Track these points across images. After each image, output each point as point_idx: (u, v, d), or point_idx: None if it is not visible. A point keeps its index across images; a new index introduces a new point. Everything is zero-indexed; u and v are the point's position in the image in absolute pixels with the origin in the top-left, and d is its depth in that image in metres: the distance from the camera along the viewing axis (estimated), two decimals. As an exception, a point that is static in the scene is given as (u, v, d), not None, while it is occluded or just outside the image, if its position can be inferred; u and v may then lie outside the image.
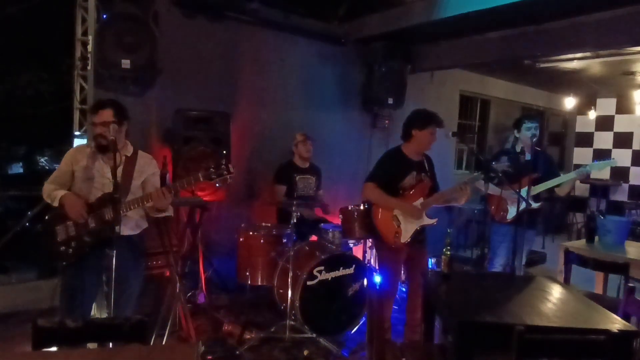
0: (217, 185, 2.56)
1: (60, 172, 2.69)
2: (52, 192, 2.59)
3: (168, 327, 3.33)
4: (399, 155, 3.37)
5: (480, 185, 3.83)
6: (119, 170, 2.60)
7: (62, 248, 2.58)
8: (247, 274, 3.86)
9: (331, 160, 5.41)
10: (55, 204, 2.57)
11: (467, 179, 3.37)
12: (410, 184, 3.32)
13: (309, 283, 3.53)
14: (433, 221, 3.34)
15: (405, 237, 3.27)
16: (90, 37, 3.92)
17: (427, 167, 3.45)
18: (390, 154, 3.42)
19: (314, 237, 4.31)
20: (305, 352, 3.38)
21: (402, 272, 3.65)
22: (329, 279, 3.64)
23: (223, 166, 2.48)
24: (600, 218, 4.18)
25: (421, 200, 3.32)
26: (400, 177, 3.31)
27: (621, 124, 8.91)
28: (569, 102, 8.66)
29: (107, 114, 2.57)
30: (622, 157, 8.71)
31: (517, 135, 3.89)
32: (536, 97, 8.79)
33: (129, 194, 2.67)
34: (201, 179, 2.49)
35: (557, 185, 3.70)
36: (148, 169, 2.80)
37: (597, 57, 5.62)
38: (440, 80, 6.81)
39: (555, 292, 2.54)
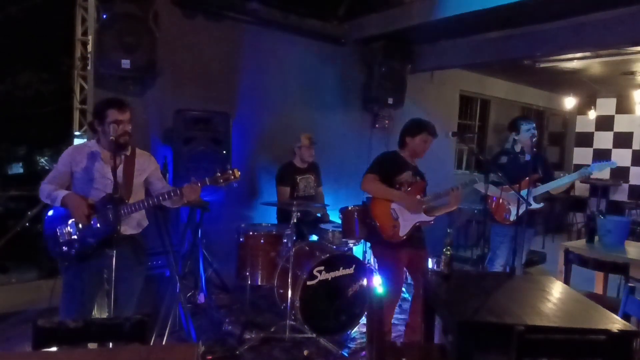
0: (224, 189, 2.73)
1: (59, 172, 2.65)
2: (52, 193, 2.56)
3: (168, 327, 3.33)
4: (396, 155, 3.46)
5: (480, 187, 3.84)
6: (120, 170, 2.61)
7: (65, 249, 2.56)
8: (247, 274, 3.86)
9: (331, 160, 5.41)
10: (57, 204, 2.54)
11: (460, 184, 3.40)
12: (407, 180, 3.37)
13: (309, 283, 3.53)
14: (430, 219, 3.38)
15: (404, 231, 3.29)
16: (90, 37, 3.92)
17: (421, 173, 3.53)
18: (387, 153, 3.50)
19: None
20: (305, 352, 3.38)
21: (405, 274, 3.65)
22: (329, 279, 3.64)
23: (230, 171, 2.67)
24: (600, 218, 4.18)
25: (418, 197, 3.38)
26: (398, 171, 3.36)
27: (621, 124, 8.91)
28: (569, 102, 8.66)
29: (129, 112, 2.65)
30: (622, 157, 8.71)
31: (516, 137, 3.89)
32: (536, 97, 8.78)
33: (132, 193, 2.67)
34: (207, 183, 2.64)
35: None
36: (149, 166, 2.81)
37: (597, 57, 5.62)
38: (440, 80, 6.81)
39: (555, 292, 2.54)
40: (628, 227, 4.18)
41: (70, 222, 2.56)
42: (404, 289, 4.46)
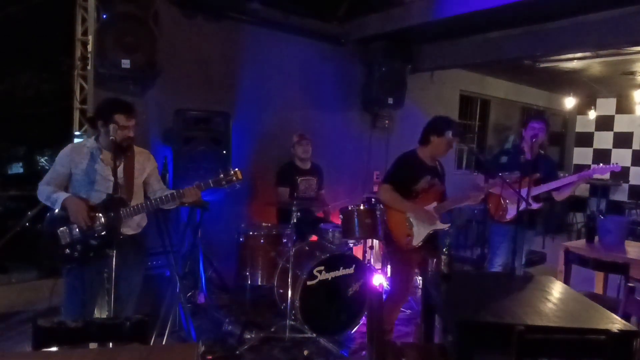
0: (227, 190, 2.73)
1: (57, 173, 2.62)
2: (52, 195, 2.54)
3: (168, 327, 3.33)
4: (414, 159, 3.38)
5: (481, 182, 3.83)
6: (120, 170, 2.60)
7: (67, 251, 2.54)
8: (247, 274, 3.86)
9: (331, 160, 5.41)
10: (57, 207, 2.52)
11: (481, 188, 3.39)
12: (423, 188, 3.33)
13: (309, 283, 3.53)
14: (445, 226, 3.34)
15: (417, 240, 3.27)
16: (90, 37, 3.92)
17: (440, 173, 3.46)
18: (405, 157, 3.41)
19: (314, 237, 4.32)
20: (305, 352, 3.38)
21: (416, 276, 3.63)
22: (329, 279, 3.64)
23: (232, 172, 2.64)
24: (600, 218, 4.18)
25: (434, 204, 3.34)
26: (415, 180, 3.32)
27: (621, 124, 8.92)
28: (569, 102, 8.66)
29: (135, 118, 2.64)
30: (622, 157, 8.72)
31: (524, 134, 3.89)
32: (536, 97, 8.79)
33: (133, 194, 2.67)
34: (211, 185, 2.64)
35: (557, 189, 3.69)
36: (148, 165, 2.80)
37: (597, 57, 5.63)
38: (440, 80, 6.81)
39: (555, 292, 2.54)
40: (628, 227, 4.18)
41: (71, 224, 2.54)
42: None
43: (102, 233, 2.54)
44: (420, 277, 3.60)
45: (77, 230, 2.54)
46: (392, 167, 3.40)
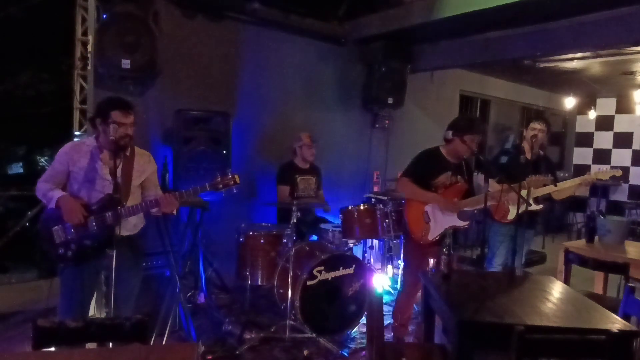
0: (223, 194, 2.66)
1: (55, 171, 2.61)
2: (48, 193, 2.53)
3: (168, 327, 3.33)
4: (435, 154, 3.39)
5: (481, 182, 3.82)
6: (118, 171, 2.59)
7: (61, 250, 2.54)
8: (247, 274, 3.86)
9: (331, 160, 5.41)
10: (52, 205, 2.51)
11: (506, 190, 3.38)
12: (443, 183, 3.33)
13: (309, 283, 3.53)
14: (464, 223, 3.34)
15: (433, 234, 3.29)
16: (90, 37, 3.92)
17: (465, 171, 3.45)
18: (427, 152, 3.43)
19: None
20: (305, 352, 3.38)
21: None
22: (329, 279, 3.64)
23: (230, 176, 2.61)
24: (600, 218, 4.18)
25: (455, 200, 3.34)
26: (434, 174, 3.32)
27: (621, 123, 8.92)
28: (569, 102, 8.66)
29: (133, 115, 2.61)
30: (622, 157, 8.73)
31: (524, 134, 3.89)
32: (536, 97, 8.79)
33: (130, 195, 2.65)
34: (208, 189, 2.60)
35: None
36: (148, 168, 2.79)
37: (597, 57, 5.63)
38: (440, 80, 6.81)
39: (555, 292, 2.54)
40: (628, 227, 4.18)
41: (66, 223, 2.53)
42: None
43: (97, 233, 2.52)
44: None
45: (72, 229, 2.53)
46: (412, 161, 3.41)
